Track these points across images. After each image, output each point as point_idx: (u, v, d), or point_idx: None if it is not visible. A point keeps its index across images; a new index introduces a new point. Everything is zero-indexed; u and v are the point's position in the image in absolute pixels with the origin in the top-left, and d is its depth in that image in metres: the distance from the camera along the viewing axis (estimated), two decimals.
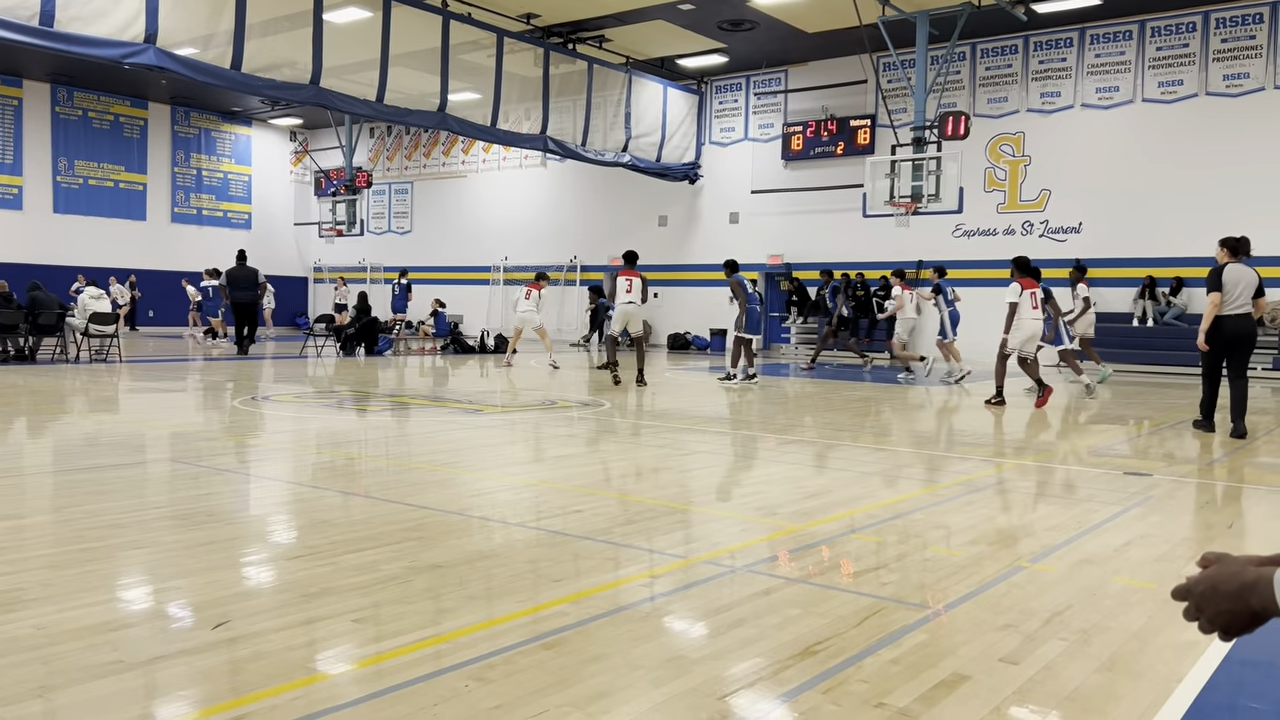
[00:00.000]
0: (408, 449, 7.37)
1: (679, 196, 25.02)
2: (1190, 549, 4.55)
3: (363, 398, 11.27)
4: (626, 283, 13.35)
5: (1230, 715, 2.72)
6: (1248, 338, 8.83)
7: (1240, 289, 8.71)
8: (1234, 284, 8.73)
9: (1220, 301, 8.69)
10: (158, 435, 7.76)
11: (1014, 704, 2.67)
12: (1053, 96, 19.91)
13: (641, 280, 13.37)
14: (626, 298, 13.32)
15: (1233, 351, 8.90)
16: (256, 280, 18.79)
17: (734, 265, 13.95)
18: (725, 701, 2.64)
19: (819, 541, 4.53)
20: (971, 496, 5.81)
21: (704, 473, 6.72)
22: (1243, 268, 8.81)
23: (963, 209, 19.94)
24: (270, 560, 4.10)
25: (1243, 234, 9.22)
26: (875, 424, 9.67)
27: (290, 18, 15.97)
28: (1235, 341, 8.81)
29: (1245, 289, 8.71)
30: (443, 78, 18.14)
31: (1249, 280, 8.75)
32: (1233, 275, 8.75)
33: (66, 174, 27.75)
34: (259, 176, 32.51)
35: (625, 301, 13.34)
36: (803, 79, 23.12)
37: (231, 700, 2.57)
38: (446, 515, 4.91)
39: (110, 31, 13.71)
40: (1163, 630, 3.32)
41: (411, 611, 3.35)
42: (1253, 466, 7.25)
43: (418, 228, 31.06)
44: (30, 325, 14.98)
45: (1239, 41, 17.96)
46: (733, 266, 13.91)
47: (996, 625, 3.33)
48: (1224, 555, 1.41)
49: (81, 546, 4.14)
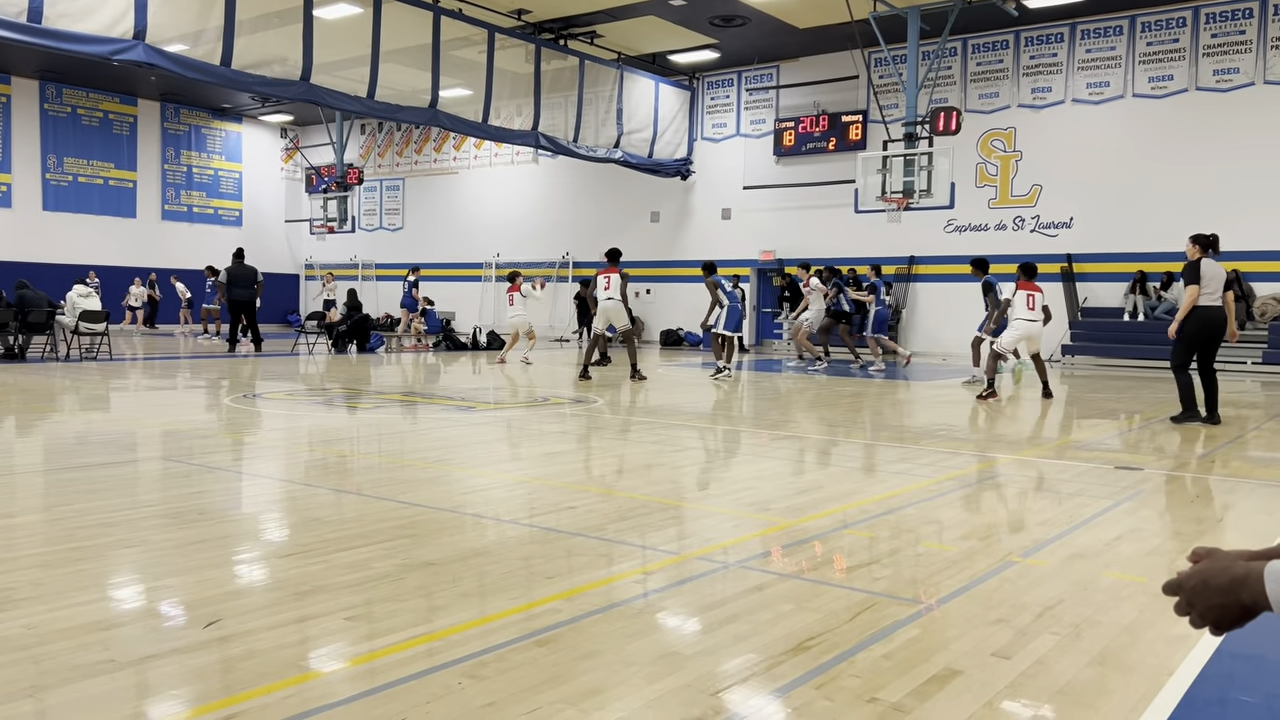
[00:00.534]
0: (400, 446, 7.36)
1: (671, 192, 25.01)
2: (1181, 543, 4.57)
3: (354, 395, 11.25)
4: (605, 280, 13.42)
5: (1221, 709, 2.73)
6: (1221, 329, 9.26)
7: (1215, 283, 9.12)
8: (1210, 278, 9.10)
9: (1199, 294, 9.04)
10: (149, 433, 7.73)
11: (1006, 698, 2.68)
12: (1044, 92, 19.96)
13: (621, 277, 13.42)
14: (605, 294, 13.40)
15: (1207, 343, 9.29)
16: (255, 279, 18.75)
17: (710, 267, 14.41)
18: (718, 697, 2.64)
19: (811, 537, 4.54)
20: (963, 491, 5.82)
21: (696, 469, 6.73)
22: (1215, 263, 9.20)
23: (954, 204, 19.97)
24: (262, 558, 4.09)
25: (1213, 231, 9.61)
26: (867, 419, 9.68)
27: (280, 14, 15.91)
28: (1212, 332, 9.21)
29: (1218, 283, 9.13)
30: (434, 74, 18.10)
31: (1221, 275, 9.17)
32: (1209, 269, 9.12)
33: (55, 171, 27.61)
34: (250, 173, 32.40)
35: (605, 299, 13.42)
36: (794, 74, 23.12)
37: (224, 699, 2.56)
38: (439, 512, 4.90)
39: (99, 28, 13.64)
40: (1154, 624, 3.33)
41: (404, 609, 3.34)
42: (1243, 460, 7.29)
43: (409, 224, 31.00)
44: (20, 323, 14.91)
45: (1229, 37, 18.02)
46: (709, 268, 14.39)
47: (988, 620, 3.34)
48: (1214, 550, 1.42)
49: (72, 545, 4.12)
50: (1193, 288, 9.03)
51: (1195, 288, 9.02)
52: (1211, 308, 9.09)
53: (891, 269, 21.69)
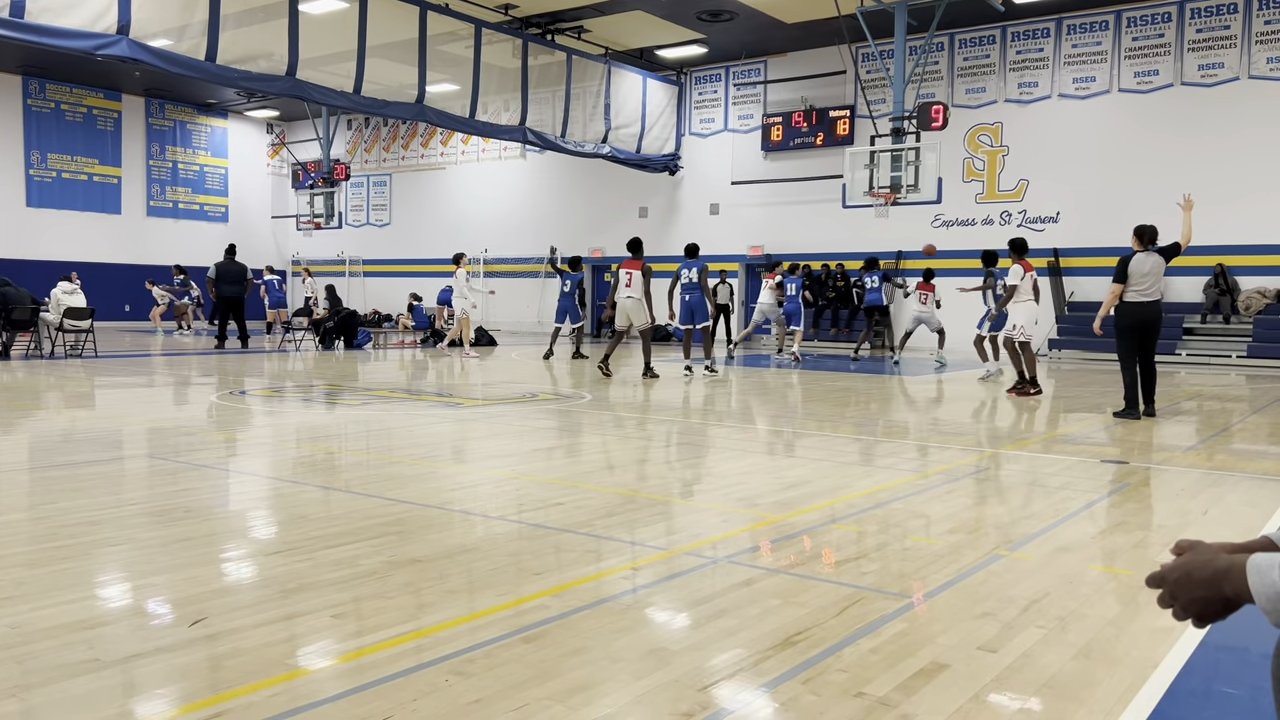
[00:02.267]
0: (387, 443, 7.34)
1: (659, 188, 25.00)
2: (1165, 536, 4.59)
3: (341, 392, 11.21)
4: (627, 275, 12.90)
5: (1205, 700, 2.75)
6: (1155, 323, 9.35)
7: (1148, 277, 9.19)
8: (1139, 273, 9.20)
9: (1123, 290, 9.22)
10: (134, 431, 7.69)
11: (992, 691, 2.69)
12: (1030, 87, 20.02)
13: (644, 272, 12.89)
14: (625, 292, 12.90)
15: (1143, 337, 9.37)
16: (245, 275, 18.66)
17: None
18: (706, 692, 2.65)
19: (800, 532, 4.55)
20: (951, 485, 5.84)
21: (684, 464, 6.73)
22: (1149, 257, 9.26)
23: (941, 199, 20.01)
24: (248, 556, 4.07)
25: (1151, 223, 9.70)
26: (855, 414, 9.70)
27: (265, 8, 15.82)
28: (1145, 327, 9.29)
29: (1152, 277, 9.20)
30: (420, 69, 18.04)
31: (1156, 269, 9.22)
32: (1139, 264, 9.22)
33: (39, 167, 27.41)
34: (235, 169, 32.23)
35: (625, 296, 12.93)
36: (782, 70, 23.13)
37: (210, 697, 2.55)
38: (426, 509, 4.89)
39: (82, 23, 13.54)
40: (1138, 617, 3.35)
41: (391, 606, 3.34)
42: (1228, 454, 7.33)
43: (396, 220, 30.90)
44: (3, 321, 14.81)
45: (1213, 32, 18.11)
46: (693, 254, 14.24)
47: (975, 614, 3.35)
48: (1197, 543, 1.42)
49: (57, 544, 4.09)
50: (1115, 286, 9.28)
51: (1118, 286, 9.26)
52: (1143, 303, 9.21)
53: (882, 264, 21.75)
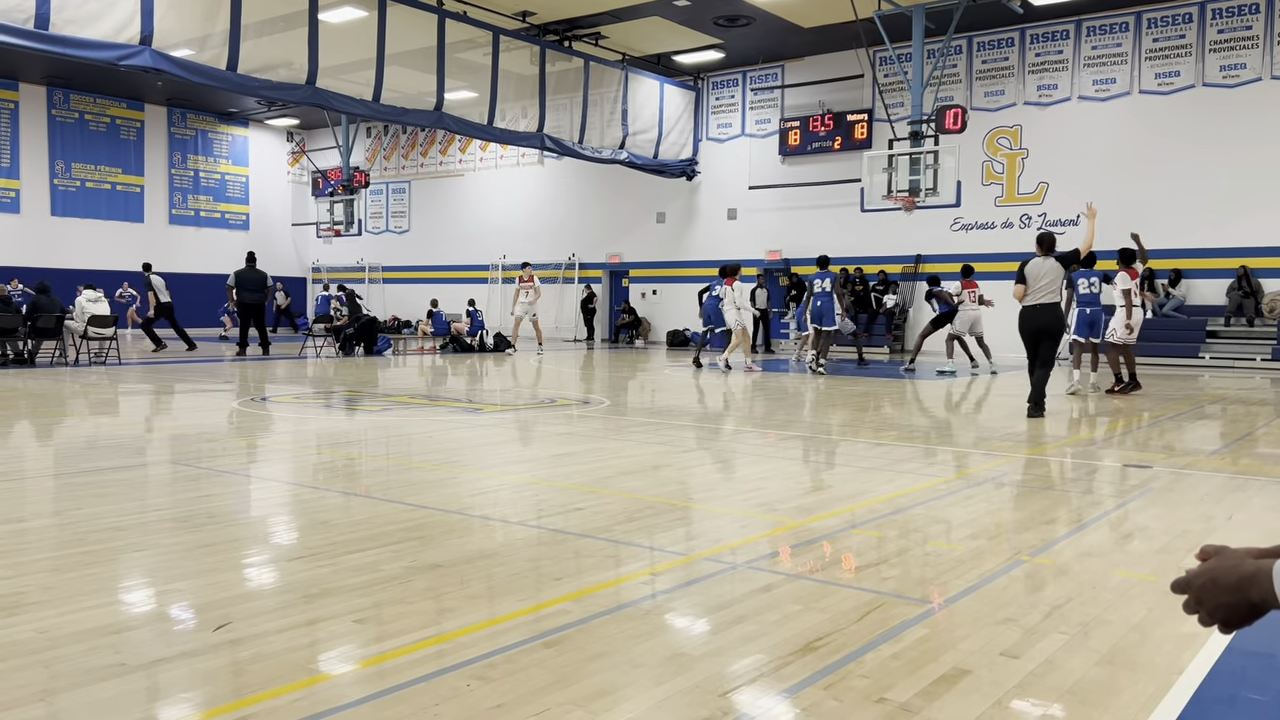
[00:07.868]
0: (407, 449, 7.37)
1: (677, 193, 25.00)
2: (1190, 541, 4.55)
3: (362, 398, 11.27)
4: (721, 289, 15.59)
5: (1231, 707, 2.72)
6: (1048, 327, 9.57)
7: (1043, 282, 9.47)
8: (1036, 277, 9.50)
9: (1024, 293, 9.54)
10: (158, 437, 7.76)
11: (1015, 698, 2.67)
12: (1049, 89, 19.90)
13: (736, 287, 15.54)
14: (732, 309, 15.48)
15: (1034, 340, 9.62)
16: (265, 283, 18.80)
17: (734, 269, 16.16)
18: (727, 698, 2.64)
19: (819, 537, 4.54)
20: (971, 491, 5.81)
21: (703, 469, 6.73)
22: (1045, 261, 9.54)
23: (961, 203, 19.95)
24: (271, 561, 4.10)
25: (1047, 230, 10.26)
26: (874, 419, 9.67)
27: (285, 18, 15.94)
28: (1038, 331, 9.56)
29: (1048, 282, 9.47)
30: (439, 76, 18.12)
31: (1052, 274, 9.49)
32: (1034, 270, 9.53)
33: (63, 177, 27.72)
34: (256, 177, 32.47)
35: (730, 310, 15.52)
36: (799, 74, 23.09)
37: (234, 702, 2.57)
38: (447, 515, 4.91)
39: (105, 34, 13.68)
40: (1163, 623, 3.32)
41: (412, 611, 3.35)
42: (1253, 458, 7.26)
43: (416, 227, 31.04)
44: (29, 328, 14.98)
45: (1235, 32, 17.95)
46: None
47: (997, 619, 3.33)
48: (1223, 548, 1.41)
49: (82, 549, 4.14)
50: (1019, 288, 9.60)
51: (1019, 287, 9.57)
52: (1034, 306, 9.46)
53: (898, 268, 21.67)
